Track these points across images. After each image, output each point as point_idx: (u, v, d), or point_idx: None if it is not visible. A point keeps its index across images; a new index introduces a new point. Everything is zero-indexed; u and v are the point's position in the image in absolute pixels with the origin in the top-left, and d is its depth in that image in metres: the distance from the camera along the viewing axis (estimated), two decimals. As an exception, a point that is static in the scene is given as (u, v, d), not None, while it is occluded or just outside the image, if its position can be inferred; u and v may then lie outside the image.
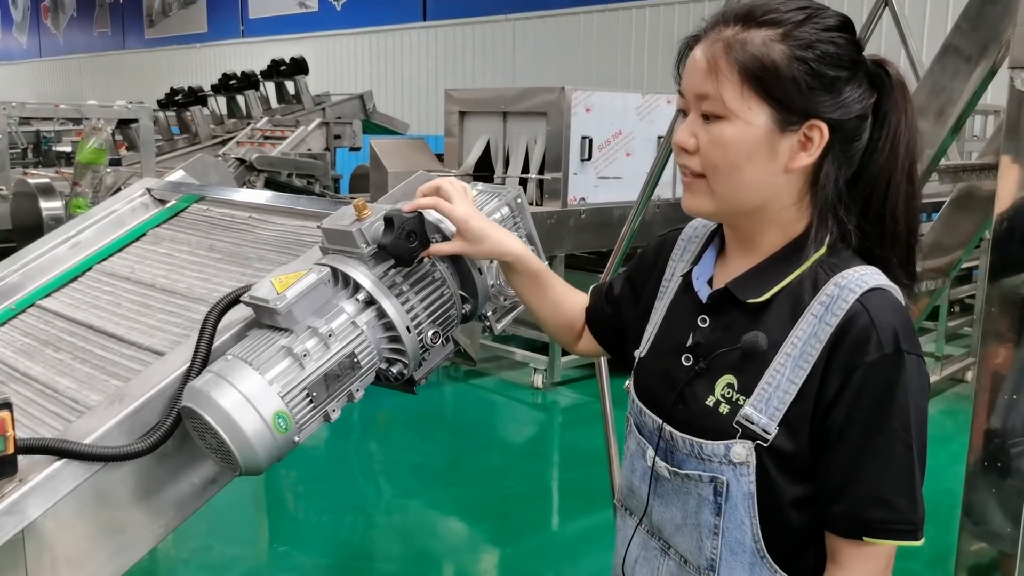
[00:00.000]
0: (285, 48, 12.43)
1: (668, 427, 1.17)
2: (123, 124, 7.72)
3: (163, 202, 1.99)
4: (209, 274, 1.68)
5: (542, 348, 5.72)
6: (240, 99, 10.35)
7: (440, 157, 6.22)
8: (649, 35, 10.26)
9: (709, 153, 1.08)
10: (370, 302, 1.23)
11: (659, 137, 5.64)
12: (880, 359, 1.02)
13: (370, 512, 4.25)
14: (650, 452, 1.20)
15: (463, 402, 5.70)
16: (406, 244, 1.21)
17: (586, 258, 6.04)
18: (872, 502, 1.05)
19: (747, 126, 1.05)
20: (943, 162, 2.21)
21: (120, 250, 1.89)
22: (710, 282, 1.20)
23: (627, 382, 1.29)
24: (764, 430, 1.07)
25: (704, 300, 1.18)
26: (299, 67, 10.32)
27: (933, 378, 5.30)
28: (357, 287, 1.23)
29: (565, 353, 5.65)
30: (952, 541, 2.15)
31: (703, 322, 1.17)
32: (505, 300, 1.42)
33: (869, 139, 1.09)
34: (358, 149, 9.27)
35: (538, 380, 5.61)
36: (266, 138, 8.79)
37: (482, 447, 5.01)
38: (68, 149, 9.64)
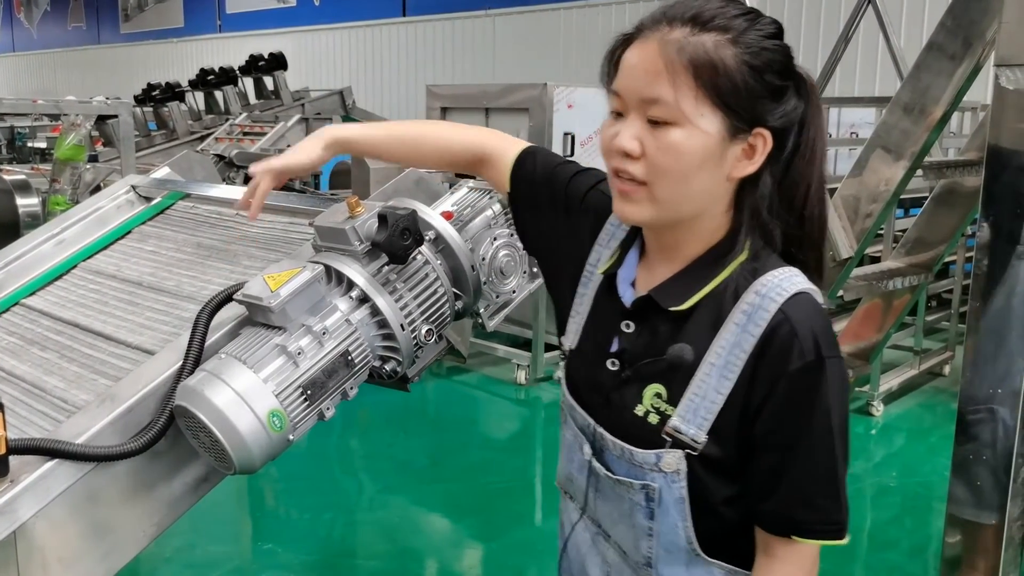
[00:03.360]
0: (263, 43, 12.35)
1: (600, 428, 1.16)
2: (100, 120, 7.63)
3: (148, 199, 1.97)
4: (197, 271, 1.67)
5: (525, 344, 5.72)
6: (218, 95, 10.26)
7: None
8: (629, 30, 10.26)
9: (658, 160, 1.02)
10: (364, 299, 1.23)
11: (641, 133, 5.65)
12: (803, 367, 1.02)
13: (354, 509, 4.24)
14: (587, 448, 1.19)
15: (446, 398, 5.69)
16: (400, 241, 1.21)
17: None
18: (799, 503, 1.06)
19: (700, 133, 1.01)
20: (927, 159, 2.24)
21: (105, 247, 1.87)
22: (633, 284, 1.17)
23: (557, 372, 1.27)
24: (693, 440, 1.07)
25: (628, 305, 1.15)
26: (278, 62, 10.25)
27: (911, 372, 5.35)
28: (351, 285, 1.23)
29: (548, 349, 5.66)
30: (931, 532, 2.18)
31: (627, 327, 1.14)
32: (497, 296, 1.42)
33: (793, 145, 1.08)
34: (338, 145, 9.21)
35: (521, 376, 5.62)
36: (245, 134, 8.70)
37: (465, 443, 5.01)
38: (43, 145, 9.53)
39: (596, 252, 1.22)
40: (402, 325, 1.24)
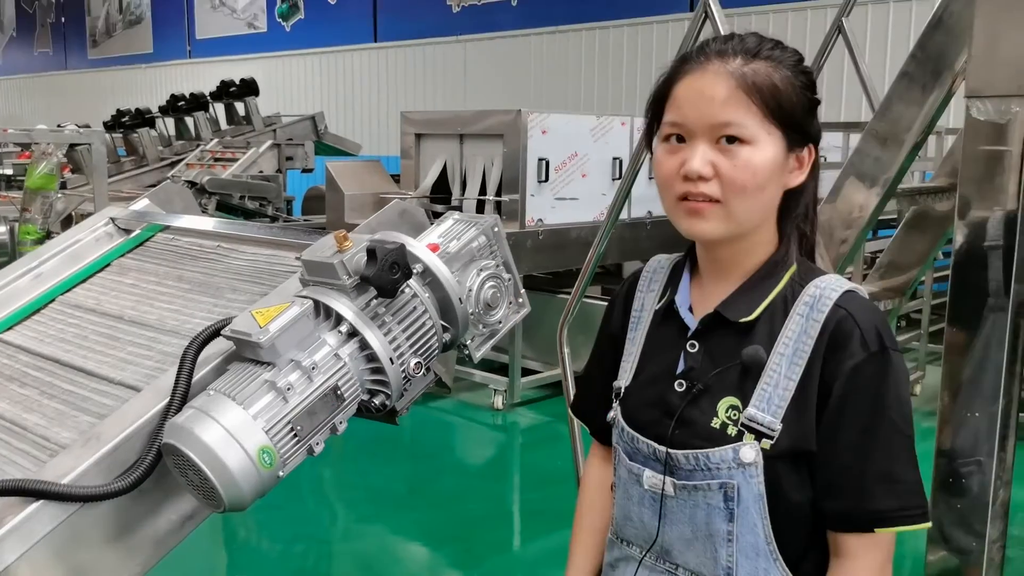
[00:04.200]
0: (234, 69, 12.32)
1: (671, 450, 1.20)
2: (71, 147, 7.56)
3: (127, 231, 1.96)
4: (179, 305, 1.65)
5: (501, 369, 5.72)
6: (189, 120, 10.22)
7: (396, 178, 6.21)
8: (599, 57, 10.37)
9: (735, 177, 1.12)
10: (353, 334, 1.23)
11: (614, 158, 5.70)
12: (869, 357, 1.10)
13: (328, 539, 4.20)
14: (648, 474, 1.23)
15: (422, 424, 5.66)
16: (389, 275, 1.21)
17: (544, 278, 6.07)
18: (883, 493, 1.10)
19: (769, 149, 1.12)
20: (900, 186, 2.28)
21: (84, 281, 1.85)
22: (691, 310, 1.24)
23: (610, 413, 1.31)
24: (769, 428, 1.12)
25: (693, 326, 1.22)
26: (249, 88, 10.23)
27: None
28: (339, 319, 1.23)
29: (525, 373, 5.65)
30: (909, 548, 2.21)
31: (692, 347, 1.21)
32: (484, 327, 1.42)
33: None
34: (311, 171, 9.21)
35: (498, 401, 5.61)
36: (216, 160, 8.66)
37: (442, 469, 4.98)
38: (10, 172, 9.42)
39: (639, 299, 1.33)
40: (391, 359, 1.23)
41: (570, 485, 4.61)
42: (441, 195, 5.59)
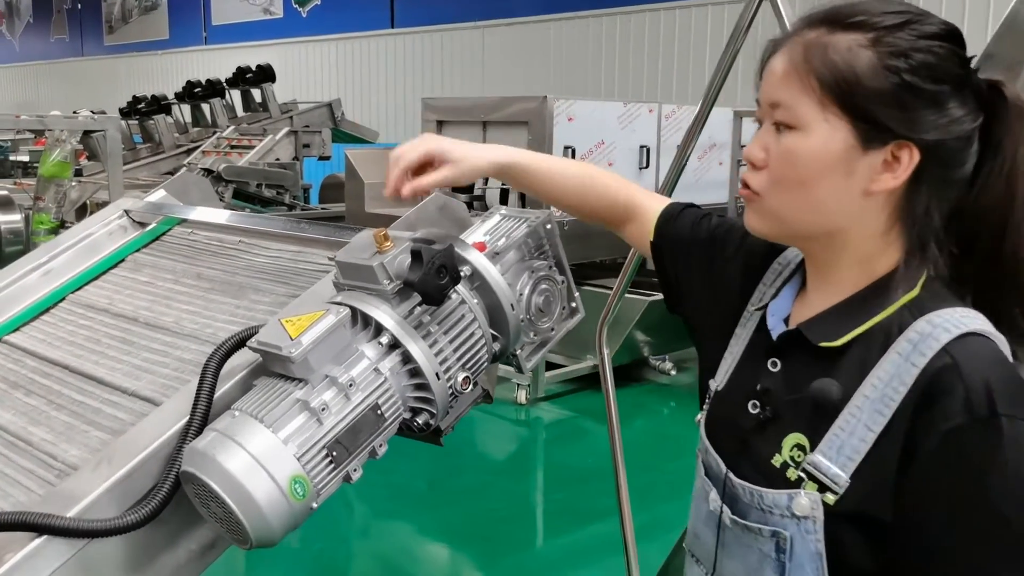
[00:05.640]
0: (249, 55, 12.18)
1: (732, 475, 1.06)
2: (85, 133, 7.47)
3: (142, 225, 1.83)
4: (199, 306, 1.52)
5: (523, 363, 5.58)
6: (205, 107, 10.10)
7: (416, 167, 6.06)
8: (620, 43, 10.18)
9: (776, 167, 0.97)
10: (394, 345, 1.09)
11: (641, 146, 5.54)
12: (970, 424, 0.87)
13: (348, 537, 4.08)
14: (713, 495, 1.09)
15: (443, 419, 5.54)
16: (436, 280, 1.07)
17: (571, 269, 5.91)
18: None
19: (823, 139, 0.94)
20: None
21: (96, 278, 1.72)
22: (787, 321, 1.08)
23: (698, 414, 1.16)
24: (833, 480, 0.94)
25: (775, 340, 1.06)
26: (265, 74, 10.10)
27: None
28: (379, 329, 1.09)
29: (549, 367, 5.51)
30: None
31: (773, 365, 1.05)
32: (535, 335, 1.28)
33: (977, 169, 0.96)
34: (328, 158, 9.09)
35: (521, 396, 5.47)
36: (232, 147, 8.55)
37: (464, 466, 4.85)
38: (26, 159, 9.34)
39: (759, 292, 1.14)
40: (437, 374, 1.10)
41: (595, 482, 4.49)
42: (464, 185, 5.45)
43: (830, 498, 0.94)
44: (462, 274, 1.14)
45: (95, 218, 1.83)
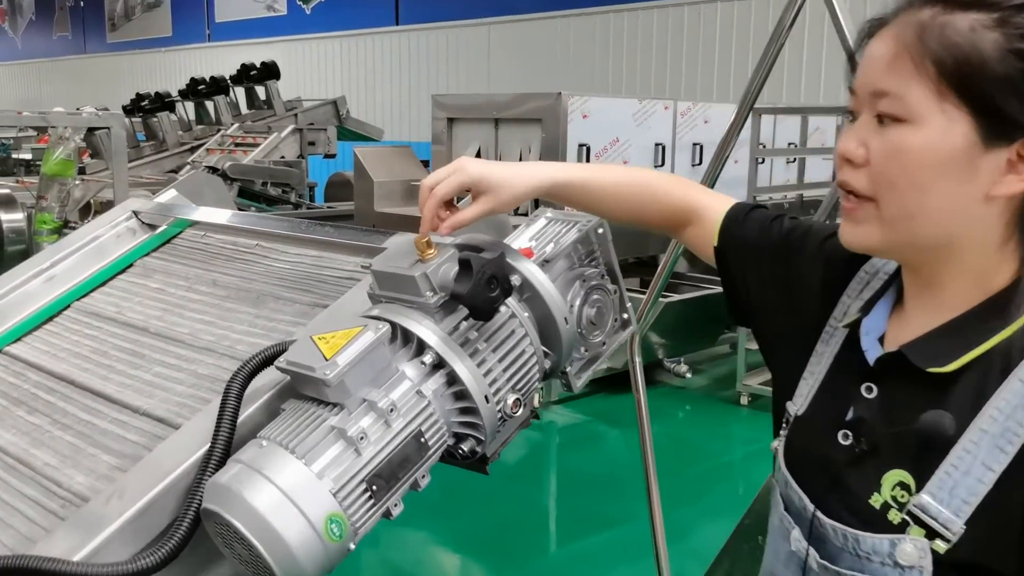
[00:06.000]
0: (253, 52, 12.07)
1: (820, 514, 0.93)
2: (89, 131, 7.36)
3: (152, 227, 1.71)
4: (214, 315, 1.41)
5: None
6: (209, 105, 10.00)
7: (426, 164, 5.96)
8: (627, 40, 10.06)
9: (883, 167, 0.85)
10: (439, 365, 0.98)
11: (656, 144, 5.42)
12: None
13: (361, 545, 3.95)
14: (796, 534, 0.97)
15: (453, 422, 5.43)
16: (486, 292, 0.95)
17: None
18: None
19: (940, 134, 0.82)
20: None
21: (103, 284, 1.61)
22: (882, 340, 0.95)
23: (774, 441, 1.04)
24: (944, 526, 0.82)
25: (871, 363, 0.93)
26: (270, 71, 10.02)
27: None
28: (422, 346, 0.98)
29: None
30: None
31: (868, 391, 0.93)
32: (585, 350, 1.17)
33: None
34: (333, 156, 9.01)
35: (534, 399, 5.35)
36: (237, 145, 8.50)
37: (475, 472, 4.74)
38: (28, 156, 9.23)
39: (842, 305, 1.01)
40: (486, 396, 0.98)
41: (608, 487, 4.38)
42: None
43: (940, 546, 0.83)
44: (512, 284, 1.02)
45: (102, 220, 1.72)
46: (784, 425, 1.03)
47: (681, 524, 3.52)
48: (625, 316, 1.22)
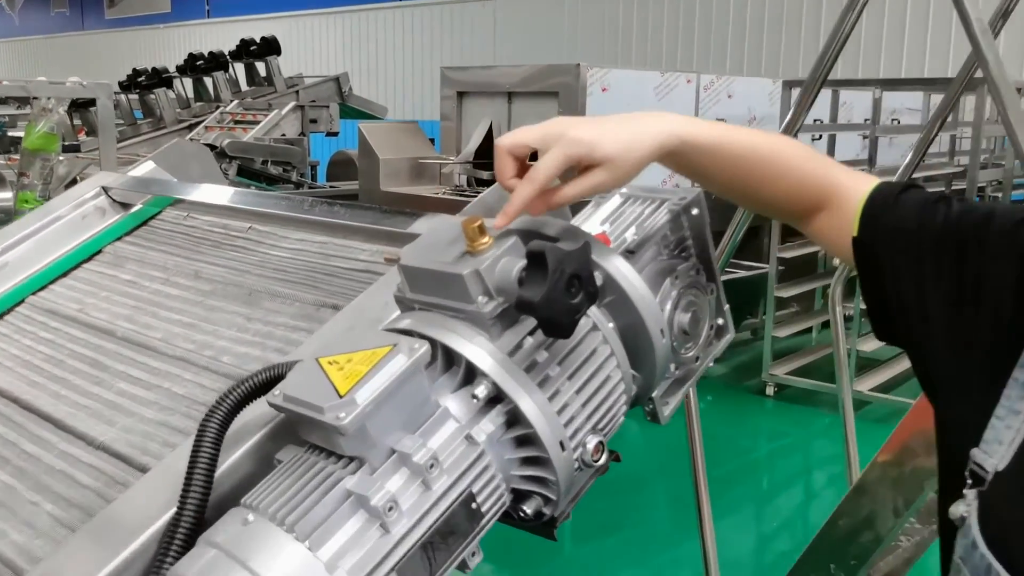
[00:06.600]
0: (254, 28, 11.70)
1: None
2: (82, 107, 7.06)
3: (126, 206, 1.43)
4: (196, 316, 1.13)
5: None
6: (208, 81, 9.69)
7: (432, 143, 5.66)
8: (637, 13, 9.71)
9: None
10: (496, 399, 0.70)
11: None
12: None
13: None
14: None
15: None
16: (566, 299, 0.67)
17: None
18: None
19: None
20: None
21: (65, 275, 1.34)
22: None
23: (958, 505, 0.76)
24: None
25: None
26: (270, 47, 9.69)
27: None
28: (472, 373, 0.70)
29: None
30: None
31: None
32: (675, 368, 0.89)
33: None
34: (335, 134, 8.75)
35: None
36: (237, 122, 8.25)
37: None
38: (23, 134, 8.94)
39: None
40: (561, 442, 0.71)
41: (628, 485, 4.12)
42: (485, 160, 5.03)
43: None
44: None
45: (65, 197, 1.44)
46: (969, 482, 0.75)
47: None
48: (721, 321, 0.94)
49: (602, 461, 0.75)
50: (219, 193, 1.37)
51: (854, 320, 4.71)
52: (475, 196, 1.24)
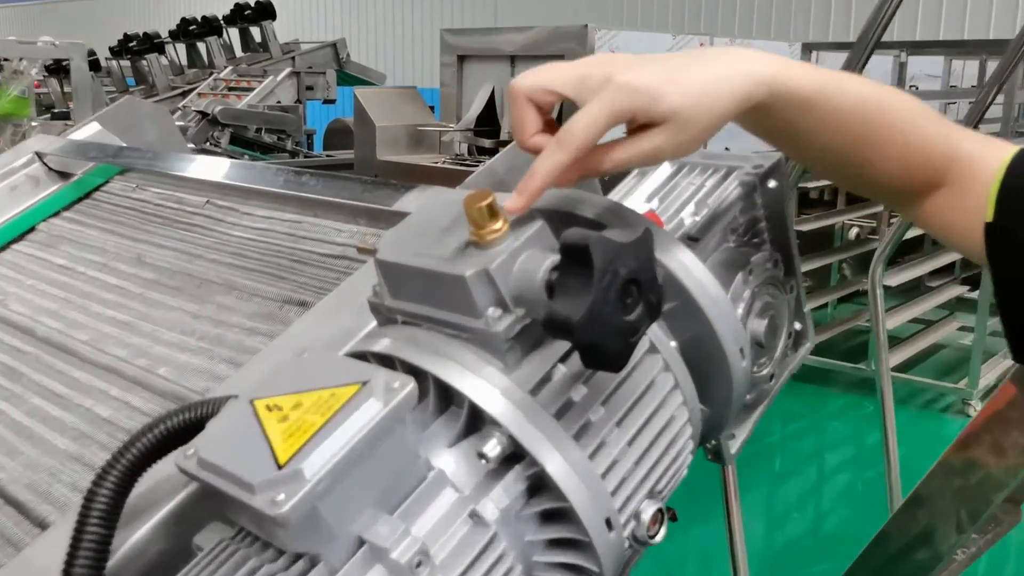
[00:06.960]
0: (249, -8, 11.39)
1: None
2: (63, 72, 6.80)
3: (64, 176, 1.21)
4: (133, 313, 0.91)
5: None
6: (201, 47, 9.44)
7: (432, 111, 5.42)
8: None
9: None
10: (514, 457, 0.48)
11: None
12: None
13: None
14: None
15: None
16: (619, 314, 0.45)
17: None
18: None
19: None
20: None
21: (-14, 259, 1.12)
22: None
23: None
24: None
25: None
26: (265, 11, 9.43)
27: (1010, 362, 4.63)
28: (477, 418, 0.48)
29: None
30: None
31: None
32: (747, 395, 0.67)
33: None
34: (332, 102, 8.53)
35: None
36: (231, 89, 8.06)
37: None
38: (8, 102, 8.69)
39: None
40: (609, 520, 0.49)
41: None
42: (487, 128, 4.79)
43: None
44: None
45: (-7, 165, 1.22)
46: None
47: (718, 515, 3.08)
48: (799, 326, 0.72)
49: (660, 536, 0.54)
50: (174, 161, 1.15)
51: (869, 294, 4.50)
52: (478, 166, 1.01)
